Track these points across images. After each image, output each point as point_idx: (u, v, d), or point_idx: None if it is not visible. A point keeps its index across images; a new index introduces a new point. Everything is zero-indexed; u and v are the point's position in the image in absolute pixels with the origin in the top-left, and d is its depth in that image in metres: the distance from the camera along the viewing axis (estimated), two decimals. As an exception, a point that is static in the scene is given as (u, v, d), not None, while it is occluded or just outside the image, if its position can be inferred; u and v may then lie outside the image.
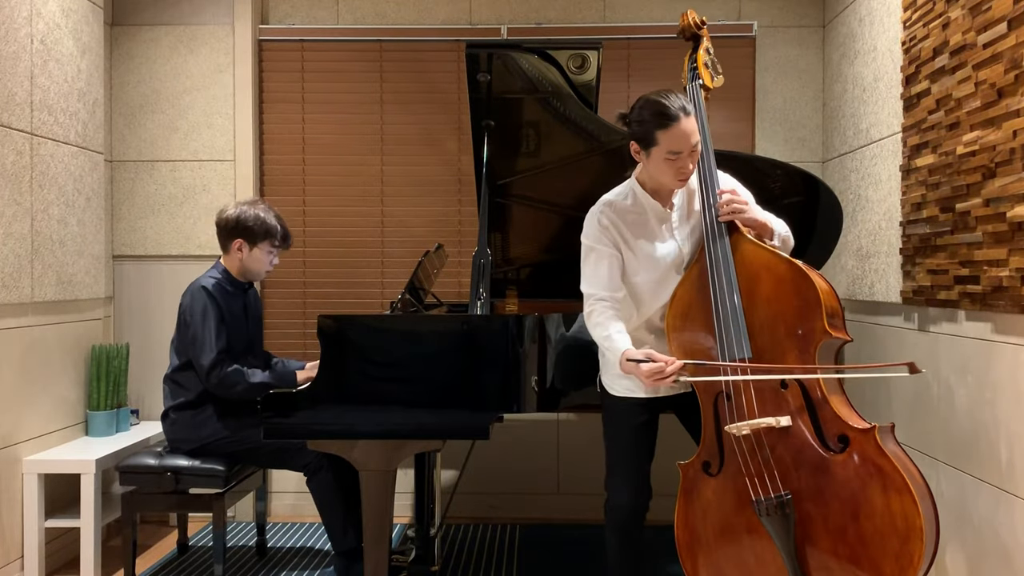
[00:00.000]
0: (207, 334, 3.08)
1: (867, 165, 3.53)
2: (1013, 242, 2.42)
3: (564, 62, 3.00)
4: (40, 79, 3.38)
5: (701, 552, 2.29)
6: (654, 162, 2.30)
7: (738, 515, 2.22)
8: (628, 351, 2.25)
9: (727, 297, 2.24)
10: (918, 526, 1.99)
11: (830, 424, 2.13)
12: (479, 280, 2.94)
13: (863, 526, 2.05)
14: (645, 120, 2.27)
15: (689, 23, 2.61)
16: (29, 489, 3.26)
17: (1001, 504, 2.54)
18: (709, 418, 2.29)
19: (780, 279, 2.21)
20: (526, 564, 3.55)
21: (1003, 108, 2.46)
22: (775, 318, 2.21)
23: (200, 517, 3.99)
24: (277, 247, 3.29)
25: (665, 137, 2.24)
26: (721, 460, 2.26)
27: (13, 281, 3.20)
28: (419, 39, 4.18)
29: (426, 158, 4.21)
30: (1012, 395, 2.47)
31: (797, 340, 2.17)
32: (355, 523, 2.97)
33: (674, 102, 2.25)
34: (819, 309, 2.14)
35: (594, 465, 4.06)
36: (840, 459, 2.10)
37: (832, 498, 2.10)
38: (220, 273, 3.25)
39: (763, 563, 2.19)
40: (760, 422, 2.15)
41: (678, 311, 2.34)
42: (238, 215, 3.21)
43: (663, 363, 2.18)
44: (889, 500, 2.02)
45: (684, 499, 2.32)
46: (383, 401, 2.67)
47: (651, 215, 2.40)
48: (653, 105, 2.26)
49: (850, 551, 2.07)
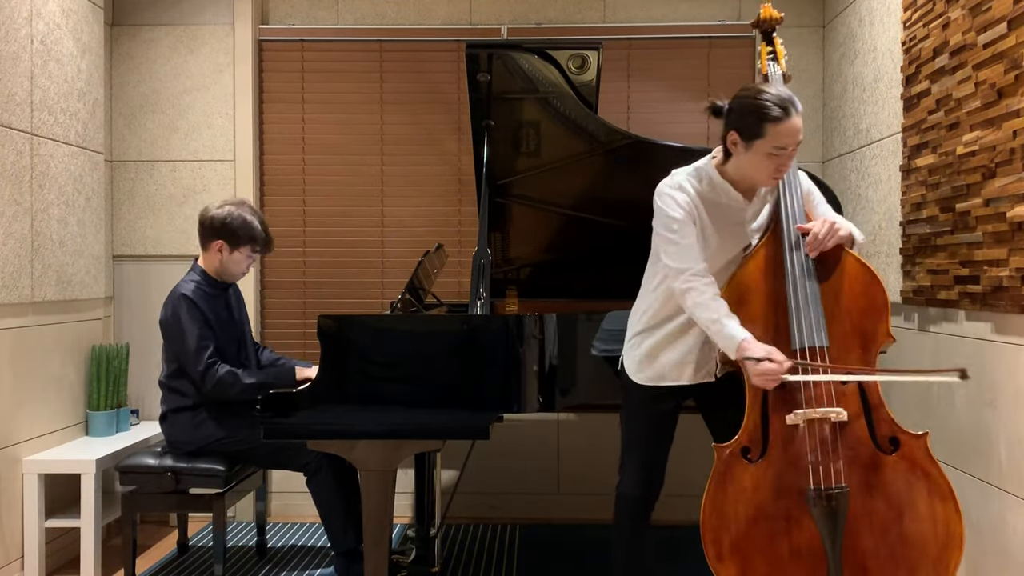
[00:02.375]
0: (193, 342, 3.05)
1: (867, 165, 3.53)
2: (1013, 242, 2.42)
3: (564, 62, 3.00)
4: (40, 79, 3.38)
5: (728, 538, 2.24)
6: (754, 155, 2.22)
7: (776, 504, 2.20)
8: (747, 343, 2.16)
9: (804, 283, 2.23)
10: (958, 534, 2.07)
11: (883, 425, 2.18)
12: (479, 280, 2.94)
13: (907, 528, 2.11)
14: (754, 110, 2.19)
15: (770, 16, 2.62)
16: (29, 489, 3.26)
17: (1001, 504, 2.54)
18: (756, 404, 2.25)
19: (852, 277, 2.26)
20: (526, 564, 3.55)
21: (1003, 108, 2.46)
22: (842, 314, 2.24)
23: (200, 517, 3.99)
24: (257, 252, 3.26)
25: (775, 131, 2.18)
26: (764, 447, 2.23)
27: (13, 281, 3.20)
28: (419, 39, 4.18)
29: (426, 158, 4.21)
30: (1012, 395, 2.47)
31: (862, 339, 2.22)
32: (355, 523, 2.97)
33: (787, 96, 2.19)
34: (885, 312, 2.21)
35: (594, 465, 4.08)
36: (891, 460, 2.15)
37: (880, 497, 2.14)
38: (199, 275, 3.21)
39: (797, 555, 2.17)
40: (820, 412, 2.16)
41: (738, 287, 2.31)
42: (225, 217, 3.16)
43: (779, 365, 2.11)
44: (934, 506, 2.10)
45: (716, 482, 2.26)
46: (383, 401, 2.67)
47: (729, 205, 2.33)
48: (763, 96, 2.19)
49: (890, 551, 2.11)
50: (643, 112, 4.11)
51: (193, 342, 3.06)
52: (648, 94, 4.13)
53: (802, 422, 2.17)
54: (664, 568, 3.16)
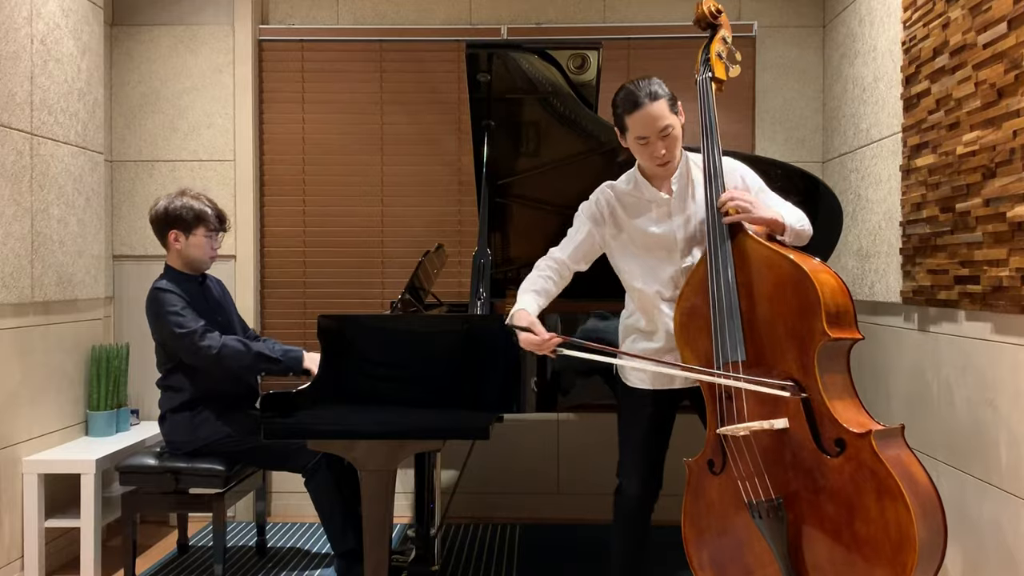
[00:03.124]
0: (177, 320, 3.04)
1: (867, 165, 3.53)
2: (1013, 242, 2.42)
3: (564, 62, 3.00)
4: (40, 79, 3.38)
5: (705, 549, 2.30)
6: (631, 147, 2.37)
7: (737, 515, 2.23)
8: (518, 313, 2.32)
9: (724, 300, 2.22)
10: (911, 535, 1.94)
11: (828, 427, 2.09)
12: (479, 280, 2.94)
13: (857, 531, 2.03)
14: (617, 105, 2.35)
15: (704, 12, 2.53)
16: (29, 489, 3.25)
17: (1002, 504, 2.54)
18: (713, 418, 2.28)
19: (780, 278, 2.18)
20: (526, 564, 3.55)
21: (1003, 108, 2.46)
22: (775, 318, 2.18)
23: (200, 517, 3.99)
24: (214, 231, 3.24)
25: (632, 122, 2.31)
26: (724, 459, 2.25)
27: (13, 281, 3.20)
28: (419, 39, 4.18)
29: (426, 158, 4.21)
30: (1012, 395, 2.47)
31: (796, 341, 2.14)
32: (354, 524, 2.97)
33: (643, 87, 2.31)
34: (819, 310, 2.09)
35: (594, 465, 4.08)
36: (836, 463, 2.06)
37: (827, 502, 2.08)
38: (167, 273, 3.21)
39: (761, 563, 2.19)
40: (752, 425, 2.15)
41: (683, 310, 2.34)
42: (166, 206, 3.18)
43: (541, 337, 2.25)
44: (883, 506, 1.99)
45: (690, 496, 2.33)
46: (383, 401, 2.66)
47: (647, 198, 2.42)
48: (624, 91, 2.34)
49: (844, 556, 2.05)
50: (643, 112, 4.10)
51: (177, 320, 3.04)
52: (648, 94, 4.12)
53: (741, 434, 2.16)
54: (663, 568, 3.16)
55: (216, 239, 3.26)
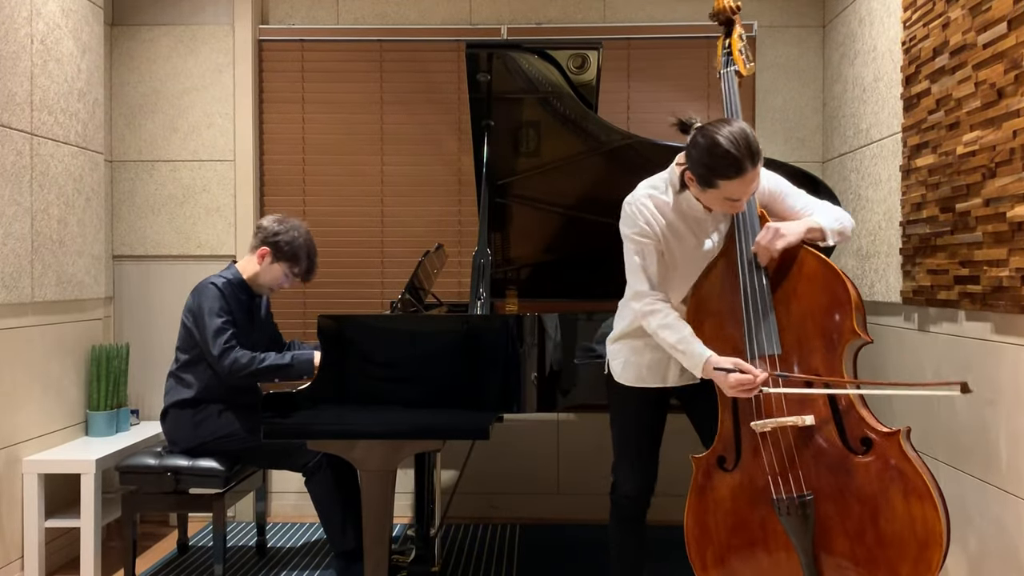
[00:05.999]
0: (215, 324, 3.07)
1: (867, 165, 3.53)
2: (1013, 242, 2.42)
3: (564, 62, 3.00)
4: (40, 79, 3.38)
5: (711, 548, 2.27)
6: (708, 198, 2.20)
7: (753, 512, 2.21)
8: (713, 358, 2.17)
9: (757, 292, 2.21)
10: (938, 532, 2.00)
11: (854, 425, 2.12)
12: (479, 280, 2.94)
13: (882, 529, 2.06)
14: (708, 163, 2.11)
15: (725, 6, 2.48)
16: (29, 489, 3.25)
17: (1002, 504, 2.54)
18: (728, 412, 2.25)
19: (811, 276, 2.19)
20: (526, 564, 3.55)
21: (1003, 108, 2.46)
22: (804, 315, 2.18)
23: (200, 517, 3.99)
24: (295, 275, 3.28)
25: (726, 186, 2.11)
26: (737, 455, 2.24)
27: (13, 281, 3.20)
28: (419, 39, 4.18)
29: (426, 158, 4.21)
30: (1012, 395, 2.47)
31: (825, 339, 2.15)
32: (354, 524, 2.98)
33: (743, 146, 2.06)
34: (849, 308, 2.12)
35: (594, 465, 4.08)
36: (863, 461, 2.09)
37: (853, 500, 2.10)
38: (231, 275, 3.24)
39: (777, 562, 2.18)
40: (785, 420, 2.14)
41: (699, 303, 2.31)
42: (280, 230, 3.23)
43: (752, 376, 2.11)
44: (910, 505, 2.03)
45: (696, 493, 2.29)
46: (383, 401, 2.67)
47: (692, 214, 2.31)
48: (719, 149, 2.07)
49: (868, 554, 2.07)
50: (643, 112, 4.11)
51: (214, 324, 3.07)
52: (648, 94, 4.13)
53: (769, 428, 2.15)
54: (662, 568, 3.16)
55: (290, 282, 3.31)
